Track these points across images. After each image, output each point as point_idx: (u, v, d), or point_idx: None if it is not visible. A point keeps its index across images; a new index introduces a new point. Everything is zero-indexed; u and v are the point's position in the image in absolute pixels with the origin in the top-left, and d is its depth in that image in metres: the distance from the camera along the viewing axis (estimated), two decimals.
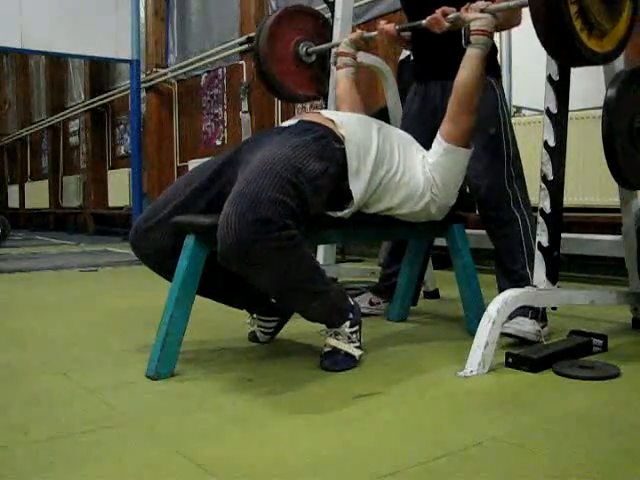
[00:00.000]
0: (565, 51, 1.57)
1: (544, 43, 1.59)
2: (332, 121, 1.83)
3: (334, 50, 2.33)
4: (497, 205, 2.10)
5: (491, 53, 2.17)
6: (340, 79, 2.31)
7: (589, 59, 1.59)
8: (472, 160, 2.11)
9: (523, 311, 1.97)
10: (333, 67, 2.41)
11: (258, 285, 1.64)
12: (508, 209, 2.09)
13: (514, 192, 2.08)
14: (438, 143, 1.95)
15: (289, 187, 1.54)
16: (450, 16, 1.97)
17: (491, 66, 2.16)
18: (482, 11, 1.89)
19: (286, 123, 1.92)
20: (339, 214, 1.80)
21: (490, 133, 2.10)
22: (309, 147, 1.68)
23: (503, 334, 1.91)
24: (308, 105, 5.42)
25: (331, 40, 2.52)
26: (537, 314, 2.00)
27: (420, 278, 2.62)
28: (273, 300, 1.99)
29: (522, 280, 2.03)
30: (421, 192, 1.90)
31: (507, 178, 2.09)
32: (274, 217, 1.49)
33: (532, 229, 2.04)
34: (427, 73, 2.29)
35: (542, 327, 2.00)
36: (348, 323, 1.77)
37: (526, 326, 1.94)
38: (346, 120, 1.87)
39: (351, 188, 1.78)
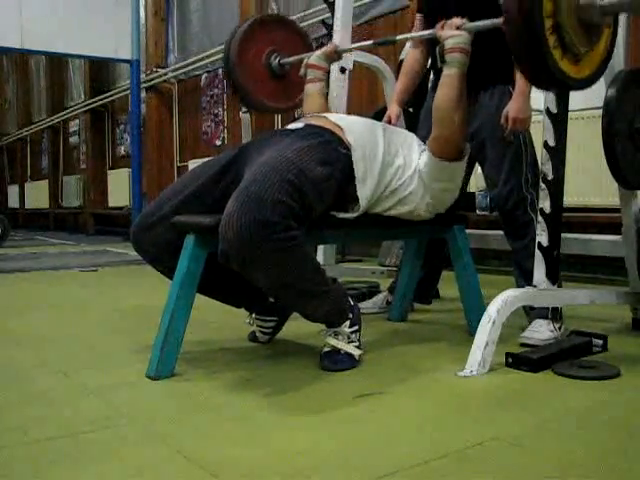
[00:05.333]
0: (542, 76, 1.51)
1: (520, 67, 1.54)
2: (339, 127, 1.83)
3: (305, 61, 2.26)
4: (517, 208, 2.13)
5: (509, 63, 2.19)
6: (310, 94, 2.23)
7: (566, 85, 1.54)
8: (493, 166, 2.14)
9: (541, 311, 1.98)
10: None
11: (257, 284, 1.65)
12: (526, 211, 2.12)
13: (532, 195, 2.11)
14: (426, 153, 1.93)
15: (292, 189, 1.55)
16: (424, 32, 1.97)
17: (509, 74, 2.18)
18: (458, 28, 1.83)
19: (293, 125, 1.92)
20: (345, 216, 1.80)
21: (509, 139, 2.12)
22: (315, 151, 1.68)
23: (522, 345, 1.92)
24: None
25: (305, 51, 2.43)
26: (556, 313, 2.00)
27: (436, 279, 2.63)
28: (271, 300, 1.99)
29: None
30: (419, 192, 1.90)
31: (525, 182, 2.12)
32: (276, 218, 1.49)
33: None
34: None
35: (559, 327, 2.00)
36: (348, 323, 1.77)
37: (545, 333, 1.94)
38: (353, 126, 1.86)
39: (358, 194, 1.78)
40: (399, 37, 2.11)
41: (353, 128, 1.85)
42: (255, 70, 2.43)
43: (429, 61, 2.43)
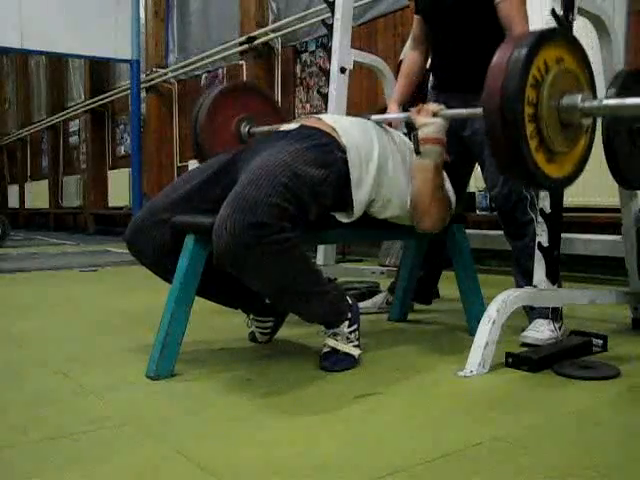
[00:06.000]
0: (521, 175, 1.48)
1: (499, 165, 1.51)
2: (334, 129, 1.82)
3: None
4: (516, 208, 2.13)
5: None
6: None
7: (545, 184, 1.51)
8: (492, 166, 2.15)
9: (541, 311, 1.98)
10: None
11: (253, 287, 1.64)
12: (525, 211, 2.12)
13: (531, 195, 2.11)
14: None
15: (286, 192, 1.54)
16: (399, 115, 1.98)
17: None
18: (435, 115, 1.79)
19: (287, 127, 1.91)
20: (345, 221, 1.80)
21: None
22: (309, 153, 1.68)
23: (523, 344, 1.92)
24: (308, 105, 5.43)
25: (277, 120, 2.36)
26: (556, 313, 2.00)
27: (436, 279, 2.63)
28: (267, 301, 1.99)
29: None
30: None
31: None
32: (270, 221, 1.48)
33: None
34: (449, 85, 2.29)
35: (559, 327, 2.00)
36: (347, 323, 1.76)
37: (545, 333, 1.94)
38: (348, 128, 1.85)
39: (353, 198, 1.77)
40: (374, 117, 2.05)
41: (348, 130, 1.84)
42: (224, 137, 2.36)
43: (429, 61, 2.43)
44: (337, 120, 1.91)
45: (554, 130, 1.43)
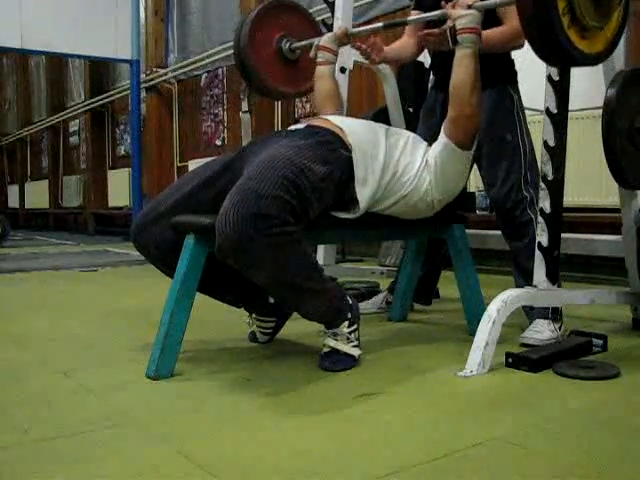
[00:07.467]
0: (553, 52, 1.50)
1: (531, 42, 1.51)
2: (340, 128, 1.83)
3: (315, 43, 2.26)
4: (515, 208, 2.13)
5: (506, 63, 2.18)
6: (322, 76, 2.23)
7: (578, 60, 1.52)
8: (491, 166, 2.13)
9: (541, 312, 1.98)
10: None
11: (254, 280, 1.64)
12: (525, 211, 2.12)
13: (530, 195, 2.11)
14: (440, 138, 1.92)
15: (290, 185, 1.55)
16: (434, 13, 1.96)
17: (507, 74, 2.17)
18: (469, 7, 1.82)
19: (293, 127, 1.92)
20: (345, 216, 1.80)
21: (507, 139, 2.12)
22: (314, 150, 1.68)
23: (523, 345, 1.91)
24: (308, 105, 5.42)
25: (315, 36, 2.40)
26: (556, 313, 2.00)
27: (436, 279, 2.62)
28: (271, 301, 1.99)
29: None
30: (421, 190, 1.90)
31: (524, 182, 2.12)
32: (273, 213, 1.49)
33: None
34: (449, 83, 2.28)
35: (559, 327, 2.00)
36: (346, 323, 1.76)
37: (545, 333, 1.94)
38: (354, 127, 1.86)
39: (358, 196, 1.78)
40: (410, 18, 2.09)
41: (354, 130, 1.85)
42: (266, 55, 2.43)
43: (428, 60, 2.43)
44: (344, 120, 1.92)
45: (586, 4, 1.44)
